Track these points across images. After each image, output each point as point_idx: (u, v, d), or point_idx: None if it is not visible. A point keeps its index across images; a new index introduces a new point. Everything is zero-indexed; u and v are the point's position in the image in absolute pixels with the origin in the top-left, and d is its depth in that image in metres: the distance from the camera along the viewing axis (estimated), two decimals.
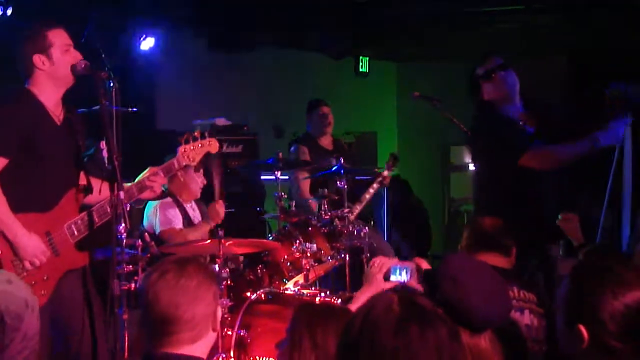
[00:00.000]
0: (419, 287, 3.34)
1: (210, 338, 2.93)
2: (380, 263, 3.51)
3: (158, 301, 2.85)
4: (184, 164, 4.92)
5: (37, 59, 4.44)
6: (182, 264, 2.93)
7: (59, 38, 4.50)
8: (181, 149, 4.88)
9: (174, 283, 2.85)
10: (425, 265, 3.43)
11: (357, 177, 7.64)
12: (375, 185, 7.56)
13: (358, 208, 7.38)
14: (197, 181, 6.57)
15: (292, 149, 7.83)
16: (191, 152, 4.90)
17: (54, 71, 4.47)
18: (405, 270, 3.40)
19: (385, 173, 7.62)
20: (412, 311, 2.21)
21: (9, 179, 4.30)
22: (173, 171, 4.92)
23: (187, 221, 6.49)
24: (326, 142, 7.90)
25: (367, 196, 7.52)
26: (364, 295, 3.42)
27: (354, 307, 3.34)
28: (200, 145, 4.94)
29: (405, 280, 3.40)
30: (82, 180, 4.65)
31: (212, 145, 5.02)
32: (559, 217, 4.91)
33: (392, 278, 3.42)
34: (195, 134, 4.95)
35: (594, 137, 5.10)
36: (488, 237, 4.26)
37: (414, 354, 2.14)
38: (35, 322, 2.46)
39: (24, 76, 4.51)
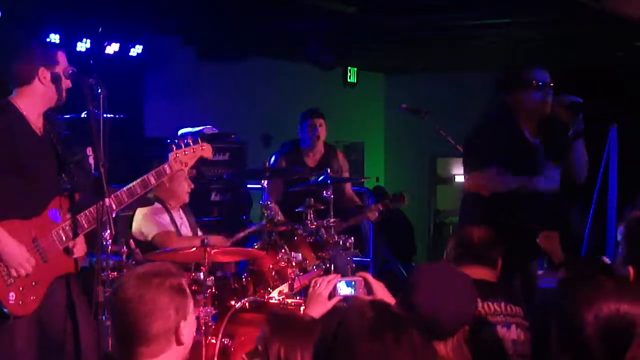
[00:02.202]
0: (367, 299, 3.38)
1: (176, 352, 2.83)
2: (324, 281, 3.50)
3: (116, 313, 2.81)
4: (176, 169, 4.90)
5: (42, 72, 4.47)
6: (143, 276, 2.83)
7: (63, 61, 4.56)
8: (173, 154, 4.86)
9: (131, 296, 2.77)
10: (370, 278, 3.46)
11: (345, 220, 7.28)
12: (359, 218, 7.47)
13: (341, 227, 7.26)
14: (184, 185, 6.54)
15: (272, 158, 7.54)
16: (184, 157, 4.89)
17: (51, 90, 4.50)
18: (352, 284, 3.43)
19: (377, 207, 7.51)
20: (386, 317, 2.24)
21: None
22: (164, 176, 4.89)
23: (175, 229, 6.48)
24: (313, 157, 7.62)
25: (349, 224, 7.35)
26: (310, 314, 3.37)
27: None
28: (192, 150, 4.93)
29: (353, 293, 3.42)
30: (68, 187, 4.65)
31: (205, 150, 5.01)
32: (539, 235, 4.91)
33: (340, 292, 3.43)
34: (188, 139, 4.94)
35: (533, 180, 5.24)
36: (475, 250, 4.18)
37: (388, 358, 2.16)
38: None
39: (17, 84, 4.51)
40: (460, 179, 12.61)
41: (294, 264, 5.86)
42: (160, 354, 2.79)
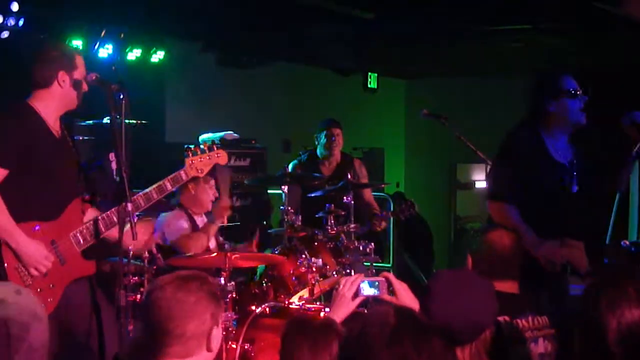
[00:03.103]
0: (390, 300, 3.39)
1: (203, 357, 2.91)
2: (348, 282, 3.51)
3: (153, 312, 2.86)
4: (192, 175, 4.92)
5: (61, 75, 4.49)
6: (184, 278, 2.92)
7: (82, 66, 4.58)
8: (188, 160, 4.88)
9: (171, 296, 2.86)
10: (393, 279, 3.46)
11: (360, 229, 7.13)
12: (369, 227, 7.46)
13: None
14: (209, 193, 6.57)
15: (289, 166, 7.49)
16: (199, 163, 4.90)
17: (69, 94, 4.53)
18: (376, 284, 3.44)
19: (386, 217, 7.48)
20: (407, 324, 2.23)
21: (12, 189, 4.31)
22: (180, 182, 4.91)
23: None
24: (329, 166, 7.59)
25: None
26: (334, 316, 3.40)
27: None
28: (208, 157, 4.95)
29: (376, 294, 3.43)
30: (86, 190, 4.68)
31: (220, 157, 5.02)
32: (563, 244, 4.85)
33: (363, 293, 3.44)
34: (203, 145, 4.97)
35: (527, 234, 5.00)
36: (508, 264, 4.05)
37: None
38: (43, 334, 2.47)
39: (35, 86, 4.52)
40: (480, 185, 12.62)
41: (314, 269, 5.86)
42: (189, 357, 2.86)
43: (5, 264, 4.27)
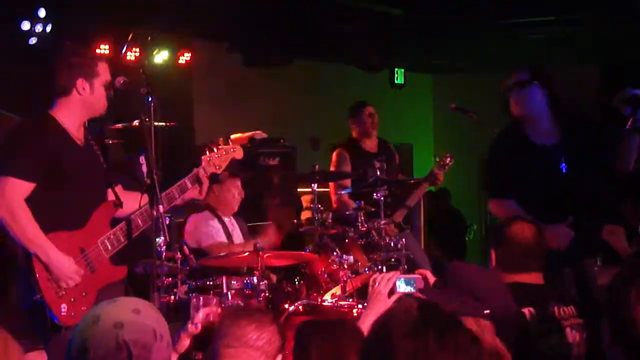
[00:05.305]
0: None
1: None
2: (384, 279, 3.50)
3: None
4: (211, 172, 4.90)
5: (80, 83, 4.44)
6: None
7: (104, 72, 4.53)
8: (205, 157, 4.85)
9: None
10: (430, 276, 3.45)
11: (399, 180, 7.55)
12: (425, 185, 7.56)
13: (404, 212, 7.40)
14: (233, 193, 6.60)
15: (333, 155, 7.67)
16: (216, 159, 4.88)
17: (90, 101, 4.48)
18: (412, 282, 3.42)
19: (437, 172, 7.57)
20: (431, 316, 2.23)
21: (39, 201, 4.31)
22: (200, 179, 4.87)
23: (227, 236, 6.54)
24: (371, 145, 7.73)
25: (416, 199, 7.53)
26: (371, 313, 3.39)
27: (361, 324, 3.36)
28: (224, 152, 4.93)
29: (412, 291, 3.42)
30: (111, 196, 4.68)
31: (236, 152, 4.99)
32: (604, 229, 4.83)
33: (399, 290, 3.43)
34: (219, 141, 4.95)
35: None
36: (531, 255, 4.03)
37: (430, 358, 2.15)
38: (165, 352, 2.46)
39: (56, 95, 4.49)
40: None
41: (345, 266, 5.87)
42: None
43: (37, 275, 4.26)
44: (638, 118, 5.02)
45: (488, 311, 2.93)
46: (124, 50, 8.16)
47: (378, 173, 6.94)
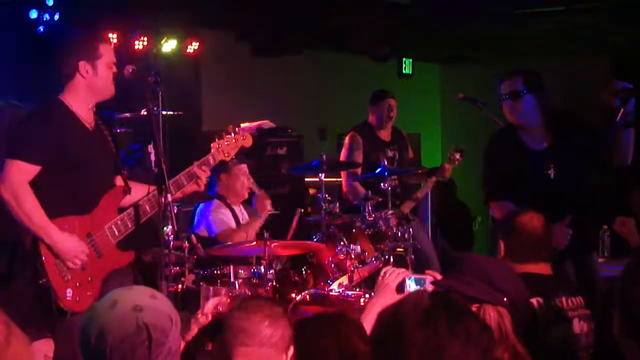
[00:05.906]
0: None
1: None
2: (393, 273, 3.49)
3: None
4: (220, 159, 4.90)
5: (83, 66, 4.47)
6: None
7: (107, 53, 4.54)
8: (215, 144, 4.86)
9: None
10: (439, 277, 3.44)
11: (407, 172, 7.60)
12: (433, 179, 7.56)
13: (412, 204, 7.42)
14: (242, 180, 6.61)
15: (346, 138, 7.70)
16: (225, 147, 4.88)
17: (94, 83, 4.50)
18: (422, 282, 3.40)
19: (447, 166, 7.58)
20: (442, 305, 2.23)
21: (47, 185, 4.34)
22: (210, 166, 4.86)
23: (237, 224, 6.56)
24: (384, 133, 7.76)
25: (424, 192, 7.55)
26: (377, 303, 3.37)
27: (364, 316, 3.36)
28: (234, 140, 4.93)
29: None
30: (120, 182, 4.69)
31: (246, 140, 4.99)
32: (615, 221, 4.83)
33: (409, 289, 3.39)
34: (228, 129, 4.95)
35: None
36: (540, 246, 4.04)
37: (441, 346, 2.15)
38: (178, 339, 2.47)
39: (62, 80, 4.52)
40: None
41: (352, 256, 5.88)
42: None
43: (44, 260, 4.29)
44: (629, 111, 5.01)
45: (506, 299, 2.93)
46: (131, 39, 8.16)
47: (386, 163, 6.95)
